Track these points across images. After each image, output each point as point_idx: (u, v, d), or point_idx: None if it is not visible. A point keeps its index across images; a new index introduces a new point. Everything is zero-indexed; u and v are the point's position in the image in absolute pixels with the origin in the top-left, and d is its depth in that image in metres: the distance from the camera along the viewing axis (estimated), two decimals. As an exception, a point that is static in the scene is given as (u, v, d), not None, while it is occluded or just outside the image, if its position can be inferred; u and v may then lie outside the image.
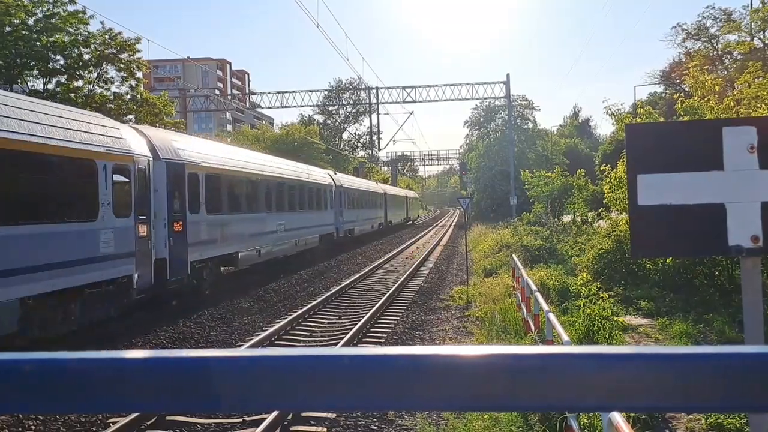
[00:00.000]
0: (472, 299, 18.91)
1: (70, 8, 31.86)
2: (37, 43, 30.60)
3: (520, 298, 15.32)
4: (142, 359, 1.05)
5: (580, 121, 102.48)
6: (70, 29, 31.95)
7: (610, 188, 21.17)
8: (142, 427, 8.35)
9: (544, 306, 9.99)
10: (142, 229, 15.38)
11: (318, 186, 33.26)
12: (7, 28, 30.23)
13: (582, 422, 7.43)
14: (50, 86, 32.64)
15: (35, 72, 32.07)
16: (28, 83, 32.14)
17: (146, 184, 15.78)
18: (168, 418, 8.76)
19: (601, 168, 23.35)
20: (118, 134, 14.95)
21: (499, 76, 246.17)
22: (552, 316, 8.80)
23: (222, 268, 21.21)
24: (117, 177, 14.36)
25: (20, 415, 8.80)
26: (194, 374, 1.02)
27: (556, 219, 40.83)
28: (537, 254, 26.53)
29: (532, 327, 12.33)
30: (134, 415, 8.34)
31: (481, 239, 39.96)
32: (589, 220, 35.35)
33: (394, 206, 64.20)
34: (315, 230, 31.91)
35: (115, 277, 14.15)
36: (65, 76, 32.76)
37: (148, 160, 15.97)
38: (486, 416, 8.51)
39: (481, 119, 74.75)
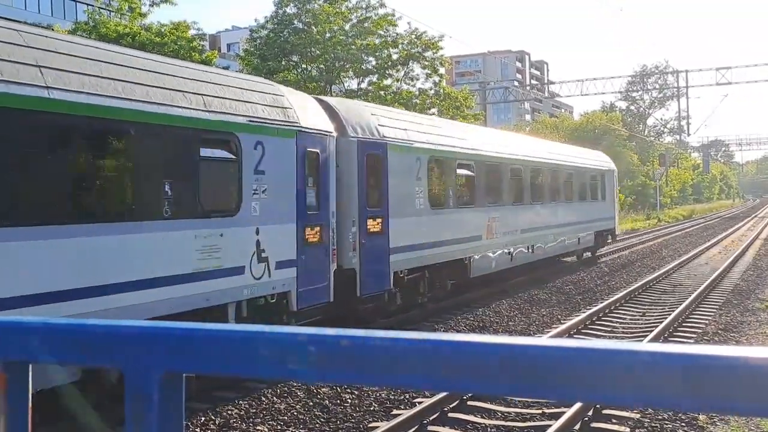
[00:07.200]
0: (800, 300, 16.91)
1: (380, 12, 34.28)
2: (353, 47, 33.33)
3: None
4: (448, 342, 1.09)
5: None
6: (380, 32, 34.36)
7: None
8: (445, 409, 8.70)
9: None
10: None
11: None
12: (327, 35, 33.35)
13: None
14: (363, 85, 35.41)
15: (350, 73, 34.99)
16: (345, 83, 35.18)
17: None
18: (469, 402, 9.03)
19: None
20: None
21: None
22: None
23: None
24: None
25: (339, 389, 9.68)
26: (499, 359, 1.03)
27: None
28: None
29: None
30: (439, 396, 8.71)
31: (810, 233, 35.54)
32: None
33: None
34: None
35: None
36: (376, 76, 35.28)
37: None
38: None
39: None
